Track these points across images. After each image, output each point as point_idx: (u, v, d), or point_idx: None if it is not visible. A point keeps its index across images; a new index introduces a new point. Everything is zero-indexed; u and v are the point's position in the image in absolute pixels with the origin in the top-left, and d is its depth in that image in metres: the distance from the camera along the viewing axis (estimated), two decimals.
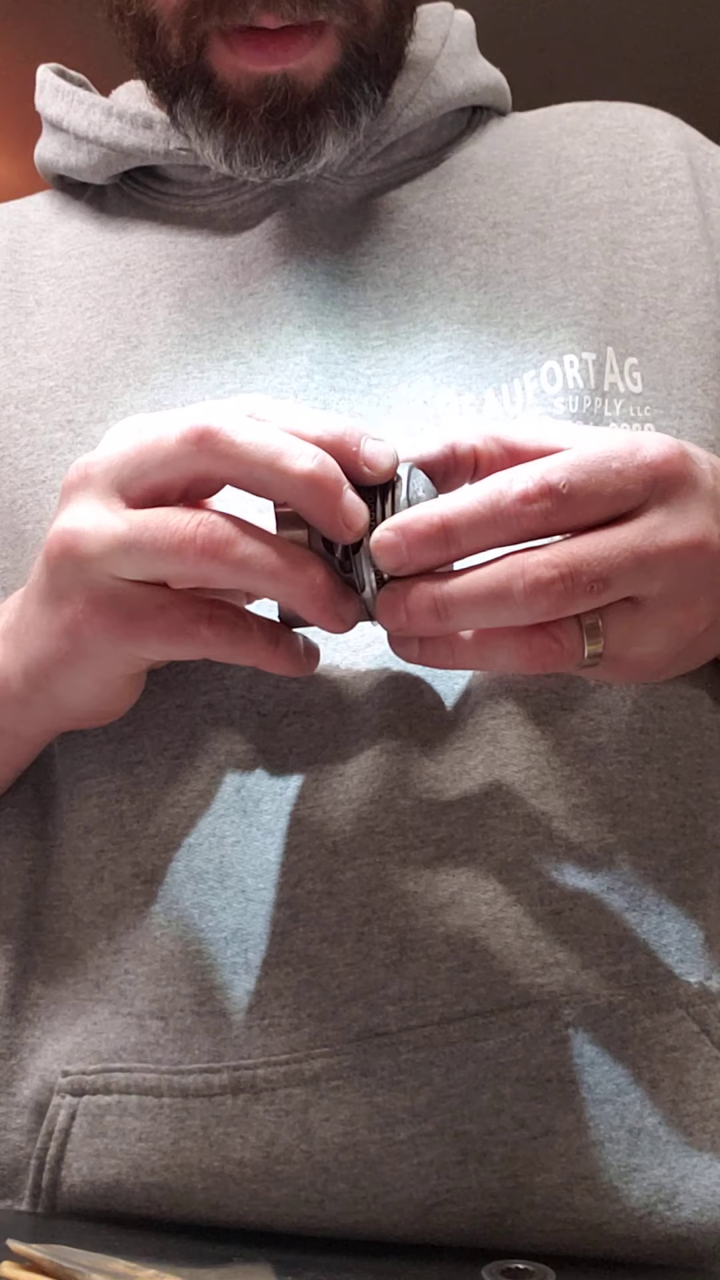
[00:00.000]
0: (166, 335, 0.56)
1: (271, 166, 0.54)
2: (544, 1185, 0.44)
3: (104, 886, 0.49)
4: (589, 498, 0.39)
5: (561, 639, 0.39)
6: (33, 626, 0.45)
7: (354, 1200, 0.45)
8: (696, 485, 0.41)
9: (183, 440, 0.40)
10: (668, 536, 0.40)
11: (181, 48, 0.53)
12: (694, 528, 0.40)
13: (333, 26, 0.52)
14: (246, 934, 0.47)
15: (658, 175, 0.59)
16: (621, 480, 0.39)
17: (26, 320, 0.59)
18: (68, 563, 0.42)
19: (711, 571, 0.41)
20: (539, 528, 0.39)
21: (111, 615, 0.42)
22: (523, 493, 0.38)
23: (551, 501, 0.38)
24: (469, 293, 0.55)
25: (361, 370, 0.54)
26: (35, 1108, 0.49)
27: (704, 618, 0.43)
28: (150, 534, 0.40)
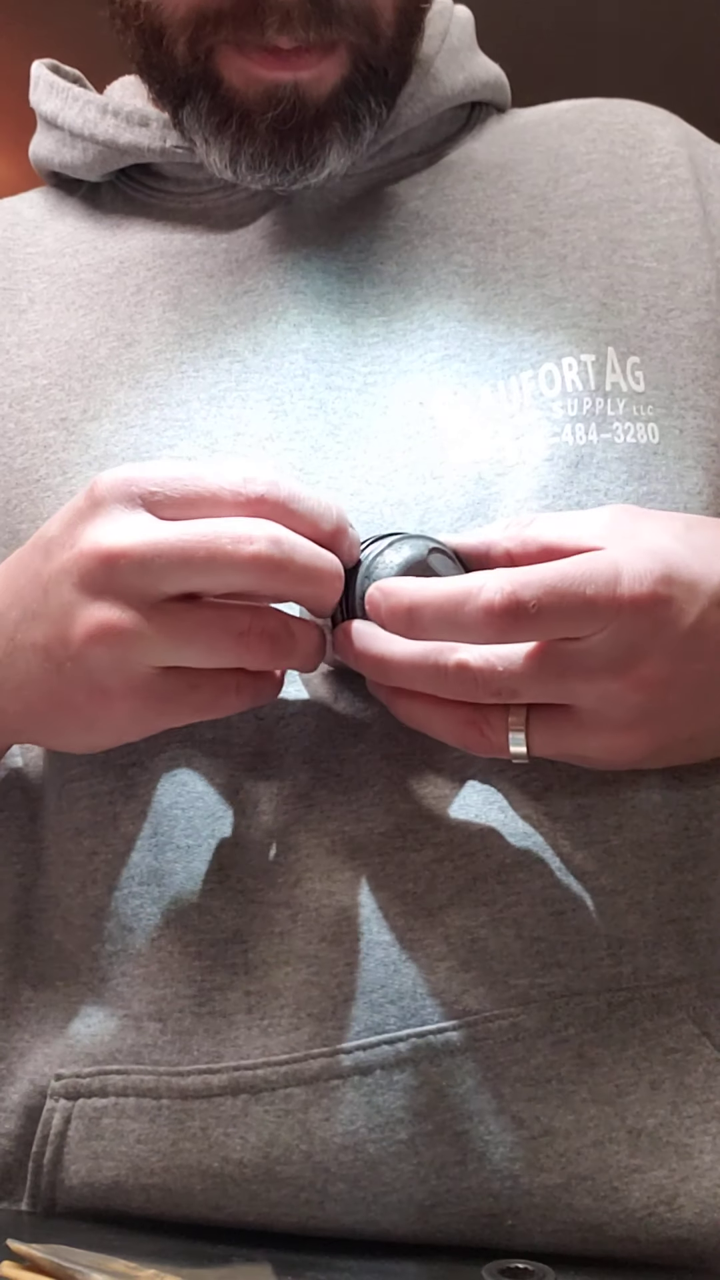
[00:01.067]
0: (161, 333, 0.56)
1: (275, 175, 0.54)
2: (543, 1186, 0.44)
3: (97, 889, 0.49)
4: (553, 621, 0.40)
5: (488, 733, 0.42)
6: (31, 681, 0.44)
7: (354, 1200, 0.45)
8: (665, 626, 0.41)
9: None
10: (599, 674, 0.41)
11: (188, 55, 0.52)
12: (634, 670, 0.41)
13: (344, 44, 0.52)
14: (246, 934, 0.47)
15: (658, 172, 0.58)
16: (589, 610, 0.40)
17: (19, 318, 0.58)
18: (112, 577, 0.41)
19: (654, 705, 0.42)
20: (496, 638, 0.40)
21: (145, 700, 0.43)
22: (488, 604, 0.40)
23: (515, 618, 0.40)
24: (466, 290, 0.55)
25: (358, 368, 0.54)
26: (25, 1112, 0.49)
27: (656, 744, 0.43)
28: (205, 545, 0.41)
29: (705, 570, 0.42)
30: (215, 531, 0.41)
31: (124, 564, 0.41)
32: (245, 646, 0.41)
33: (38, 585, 0.44)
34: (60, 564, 0.43)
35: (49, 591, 0.43)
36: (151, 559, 0.41)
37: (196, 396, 0.54)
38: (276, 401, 0.53)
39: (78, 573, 0.42)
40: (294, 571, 0.41)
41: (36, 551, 0.45)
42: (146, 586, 0.41)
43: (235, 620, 0.41)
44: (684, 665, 0.42)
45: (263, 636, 0.41)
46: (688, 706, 0.43)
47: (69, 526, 0.43)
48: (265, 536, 0.41)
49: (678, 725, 0.44)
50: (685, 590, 0.41)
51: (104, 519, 0.42)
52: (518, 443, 0.51)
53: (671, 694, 0.42)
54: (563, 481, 0.50)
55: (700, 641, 0.42)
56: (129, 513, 0.42)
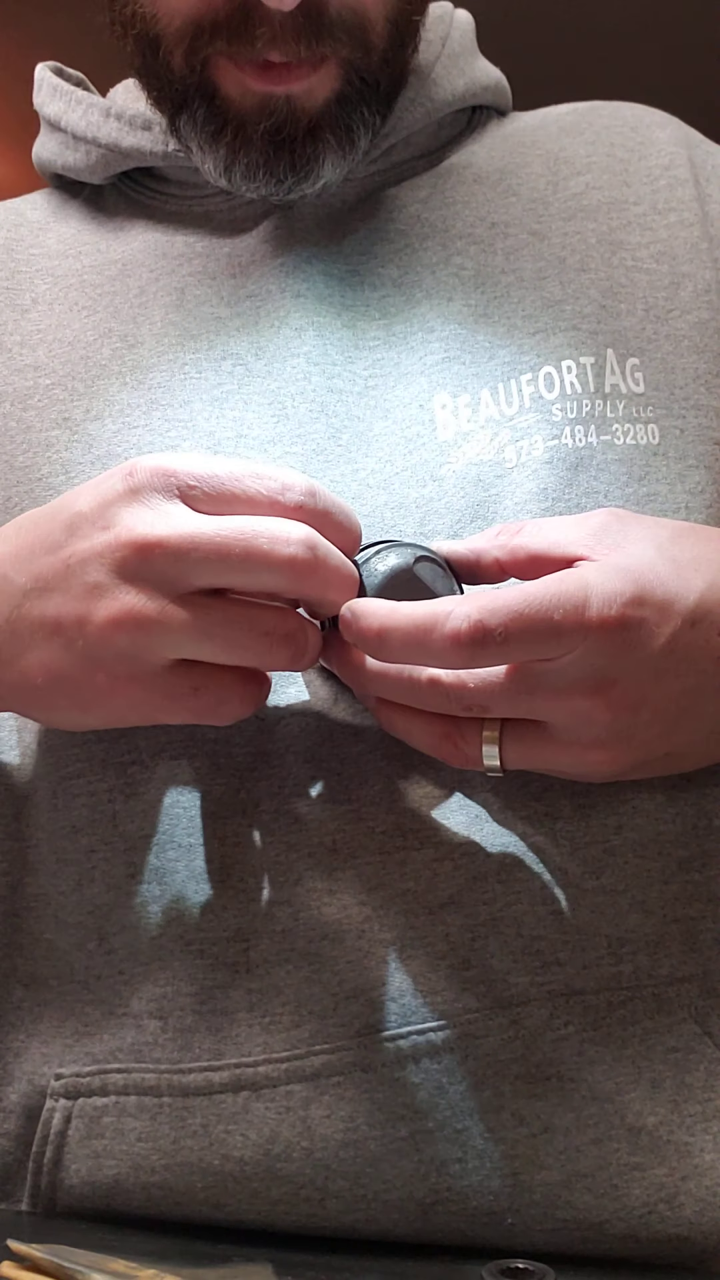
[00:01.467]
0: (164, 335, 0.56)
1: (270, 185, 0.54)
2: (544, 1183, 0.44)
3: (95, 887, 0.49)
4: (520, 647, 0.40)
5: (462, 745, 0.43)
6: (34, 654, 0.44)
7: (354, 1198, 0.45)
8: (635, 647, 0.41)
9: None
10: (569, 695, 0.41)
11: (185, 65, 0.52)
12: (603, 690, 0.41)
13: (337, 57, 0.52)
14: (247, 932, 0.47)
15: (657, 173, 0.58)
16: (555, 634, 0.40)
17: (22, 318, 0.59)
18: (146, 566, 0.41)
19: (624, 724, 0.42)
20: (464, 663, 0.41)
21: (149, 692, 0.43)
22: (454, 632, 0.40)
23: (482, 645, 0.40)
24: (466, 292, 0.55)
25: (359, 371, 0.54)
26: (24, 1112, 0.49)
27: (627, 761, 0.44)
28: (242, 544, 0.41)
29: (680, 588, 0.42)
30: (253, 530, 0.41)
31: (159, 554, 0.41)
32: (267, 646, 0.42)
33: (58, 559, 0.43)
34: (92, 545, 0.43)
35: (72, 569, 0.43)
36: (188, 551, 0.41)
37: (199, 398, 0.54)
38: (279, 405, 0.53)
39: (111, 557, 0.42)
40: (322, 577, 0.42)
41: (57, 524, 0.44)
42: (178, 577, 0.41)
43: (260, 619, 0.42)
44: (656, 685, 0.42)
45: (285, 638, 0.42)
46: (660, 724, 0.43)
47: (102, 507, 0.43)
48: (301, 540, 0.41)
49: (651, 743, 0.44)
50: (657, 611, 0.42)
51: (141, 506, 0.42)
52: (517, 445, 0.51)
53: (643, 713, 0.42)
54: (562, 484, 0.50)
55: (672, 660, 0.42)
56: (166, 502, 0.42)
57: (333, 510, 0.43)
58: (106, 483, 0.43)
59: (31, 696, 0.46)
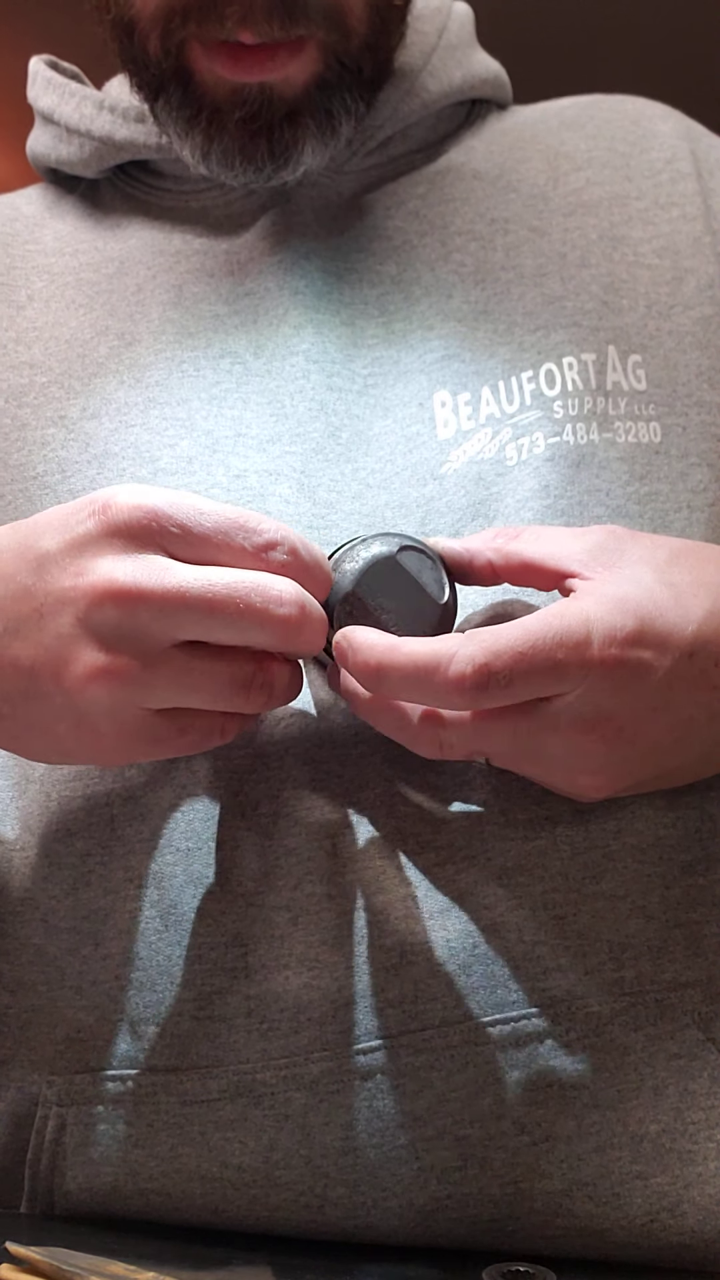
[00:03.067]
0: (161, 333, 0.55)
1: (249, 172, 0.54)
2: (544, 1191, 0.44)
3: (90, 891, 0.49)
4: (524, 687, 0.40)
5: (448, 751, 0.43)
6: (8, 699, 0.43)
7: (353, 1205, 0.45)
8: (634, 683, 0.41)
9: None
10: (565, 729, 0.41)
11: (160, 51, 0.52)
12: (600, 724, 0.41)
13: (314, 40, 0.51)
14: (246, 938, 0.47)
15: (659, 167, 0.58)
16: (559, 673, 0.40)
17: (18, 314, 0.58)
18: (126, 619, 0.39)
19: (617, 755, 0.42)
20: (468, 706, 0.41)
21: (133, 741, 0.42)
22: (459, 676, 0.40)
23: (487, 689, 0.40)
24: (466, 289, 0.55)
25: (358, 369, 0.53)
26: (13, 1119, 0.49)
27: (618, 785, 0.44)
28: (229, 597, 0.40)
29: (679, 620, 0.42)
30: (246, 588, 0.40)
31: (142, 607, 0.39)
32: (247, 696, 0.41)
33: (28, 602, 0.41)
34: (62, 590, 0.40)
35: (44, 615, 0.41)
36: (174, 606, 0.39)
37: (197, 396, 0.53)
38: (278, 404, 0.52)
39: (84, 606, 0.40)
40: (306, 636, 0.41)
41: (23, 560, 0.42)
42: (160, 632, 0.40)
43: (240, 671, 0.41)
44: (652, 719, 0.42)
45: (264, 687, 0.42)
46: (653, 752, 0.43)
47: (72, 548, 0.41)
48: (295, 601, 0.40)
49: (642, 768, 0.44)
50: (656, 646, 0.41)
51: (117, 553, 0.40)
52: (518, 443, 0.51)
53: (637, 744, 0.42)
54: (564, 481, 0.50)
55: (670, 694, 0.42)
56: (144, 548, 0.40)
57: (309, 564, 0.42)
58: (74, 517, 0.41)
59: (9, 739, 0.45)
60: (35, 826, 0.51)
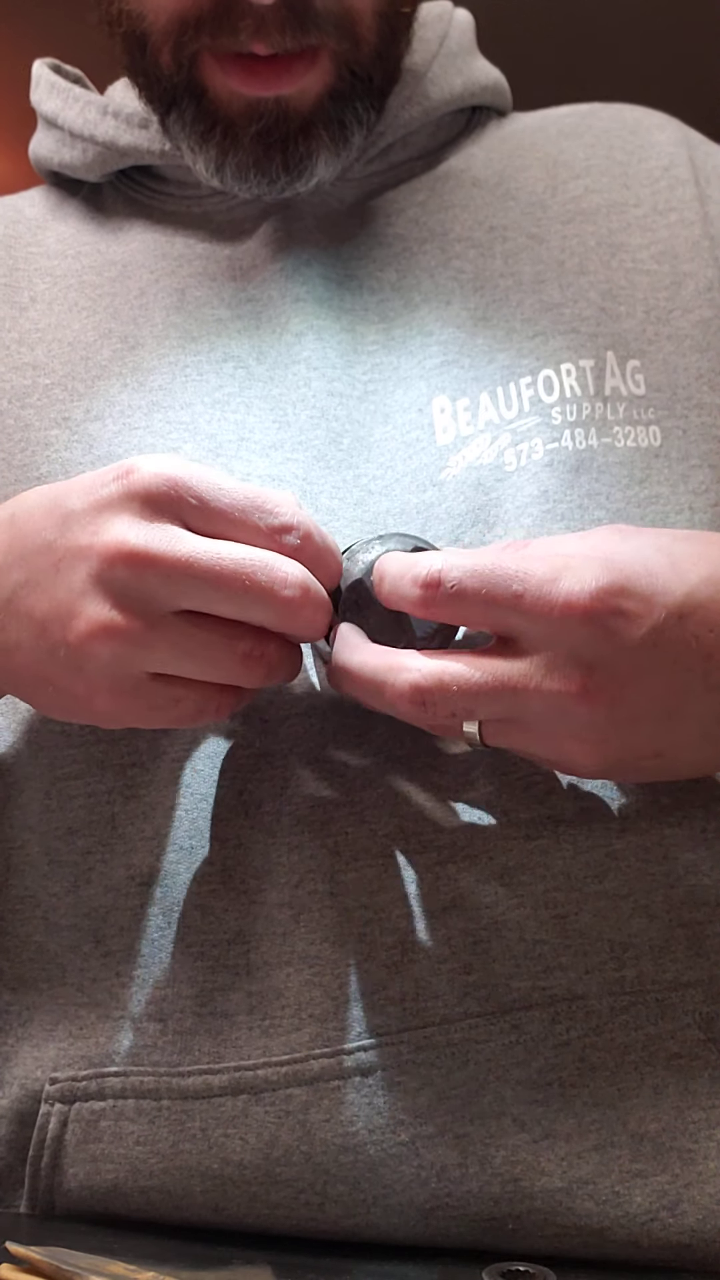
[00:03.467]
0: (165, 337, 0.56)
1: (262, 184, 0.54)
2: (545, 1190, 0.44)
3: (92, 889, 0.49)
4: (472, 607, 0.40)
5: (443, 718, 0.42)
6: (22, 648, 0.44)
7: (354, 1202, 0.45)
8: (612, 636, 0.40)
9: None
10: (542, 683, 0.40)
11: (172, 64, 0.52)
12: (579, 680, 0.40)
13: (326, 51, 0.52)
14: (248, 935, 0.47)
15: (657, 175, 0.58)
16: (513, 605, 0.40)
17: (20, 315, 0.58)
18: (134, 580, 0.41)
19: (602, 719, 0.41)
20: (420, 609, 0.41)
21: (128, 704, 0.43)
22: (416, 576, 0.41)
23: (435, 591, 0.40)
24: (465, 296, 0.55)
25: (358, 375, 0.54)
26: (16, 1116, 0.49)
27: (611, 757, 0.42)
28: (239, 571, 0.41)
29: (671, 581, 0.41)
30: (252, 565, 0.41)
31: (151, 572, 0.40)
32: (246, 667, 0.42)
33: (48, 556, 0.43)
34: (78, 546, 0.42)
35: (60, 568, 0.42)
36: (182, 574, 0.40)
37: (200, 400, 0.54)
38: (280, 411, 0.53)
39: (98, 563, 0.41)
40: (307, 618, 0.41)
41: (50, 518, 0.43)
42: (165, 598, 0.41)
43: (239, 642, 0.42)
44: (637, 680, 0.40)
45: (262, 660, 0.42)
46: (644, 722, 0.41)
47: (95, 509, 0.42)
48: (299, 583, 0.41)
49: (634, 742, 0.42)
50: (640, 602, 0.40)
51: (135, 516, 0.41)
52: (517, 449, 0.51)
53: (621, 709, 0.40)
54: (563, 486, 0.50)
55: (655, 654, 0.40)
56: (161, 516, 0.41)
57: (322, 551, 0.43)
58: (100, 480, 0.43)
59: (18, 687, 0.46)
60: (36, 824, 0.51)
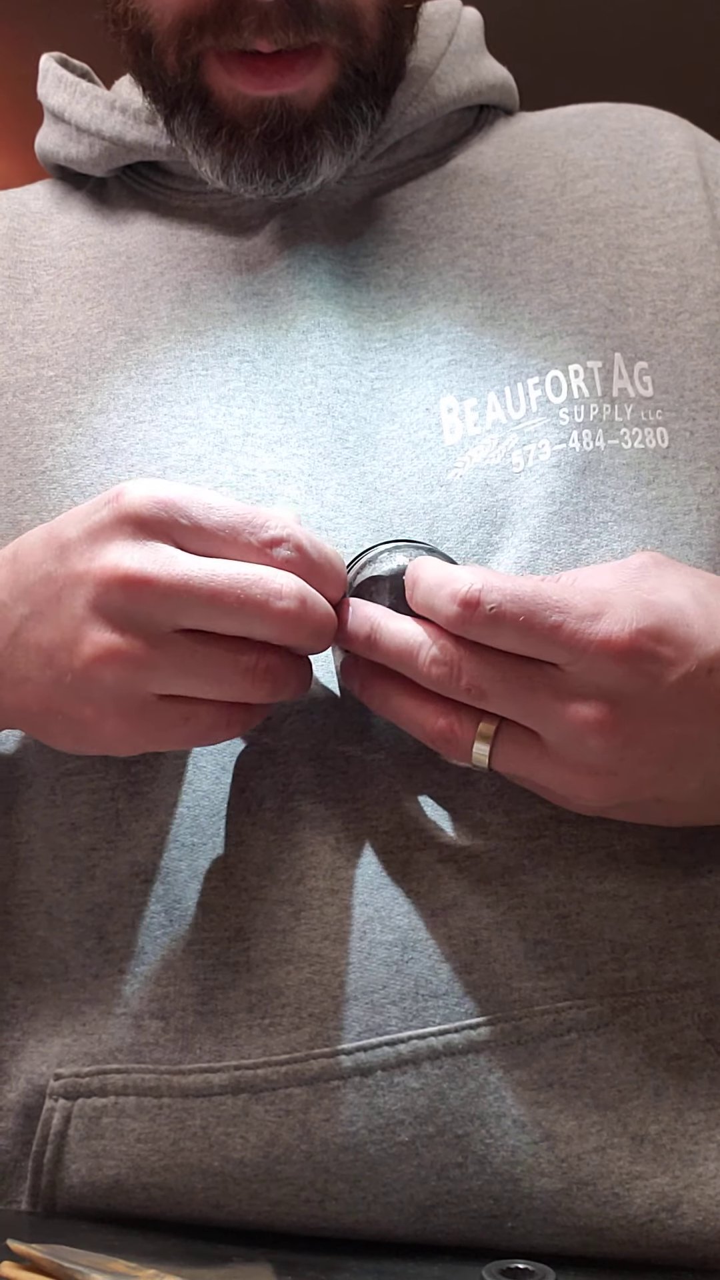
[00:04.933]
0: (170, 330, 0.56)
1: (268, 185, 0.54)
2: (544, 1190, 0.44)
3: (95, 885, 0.49)
4: (509, 632, 0.40)
5: (458, 731, 0.42)
6: (30, 681, 0.44)
7: (354, 1200, 0.45)
8: (643, 679, 0.41)
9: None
10: (567, 703, 0.41)
11: (177, 66, 0.52)
12: (602, 711, 0.41)
13: (329, 48, 0.52)
14: (249, 932, 0.47)
15: (665, 176, 0.58)
16: (551, 636, 0.40)
17: (24, 307, 0.58)
18: (133, 603, 0.41)
19: (616, 755, 0.41)
20: (455, 625, 0.41)
21: (137, 726, 0.43)
22: (454, 592, 0.41)
23: (472, 612, 0.40)
24: (473, 294, 0.55)
25: (365, 373, 0.54)
26: (22, 1110, 0.49)
27: (615, 795, 0.43)
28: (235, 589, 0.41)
29: (705, 633, 0.42)
30: (248, 580, 0.41)
31: (148, 593, 0.41)
32: (250, 682, 0.42)
33: (50, 587, 0.44)
34: (75, 573, 0.43)
35: (61, 598, 0.43)
36: (179, 594, 0.41)
37: (205, 395, 0.54)
38: (285, 407, 0.53)
39: (95, 590, 0.42)
40: (308, 629, 0.42)
41: (49, 550, 0.44)
42: (164, 618, 0.41)
43: (242, 657, 0.42)
44: (657, 722, 0.41)
45: (266, 673, 0.42)
46: (654, 765, 0.42)
47: (89, 536, 0.43)
48: (295, 595, 0.41)
49: (641, 782, 0.43)
50: (676, 650, 0.41)
51: (128, 540, 0.42)
52: (524, 449, 0.51)
53: (638, 747, 0.41)
54: (570, 488, 0.50)
55: (679, 701, 0.41)
56: (154, 537, 0.42)
57: (318, 561, 0.43)
58: (93, 507, 0.43)
59: (28, 721, 0.46)
60: (41, 819, 0.51)
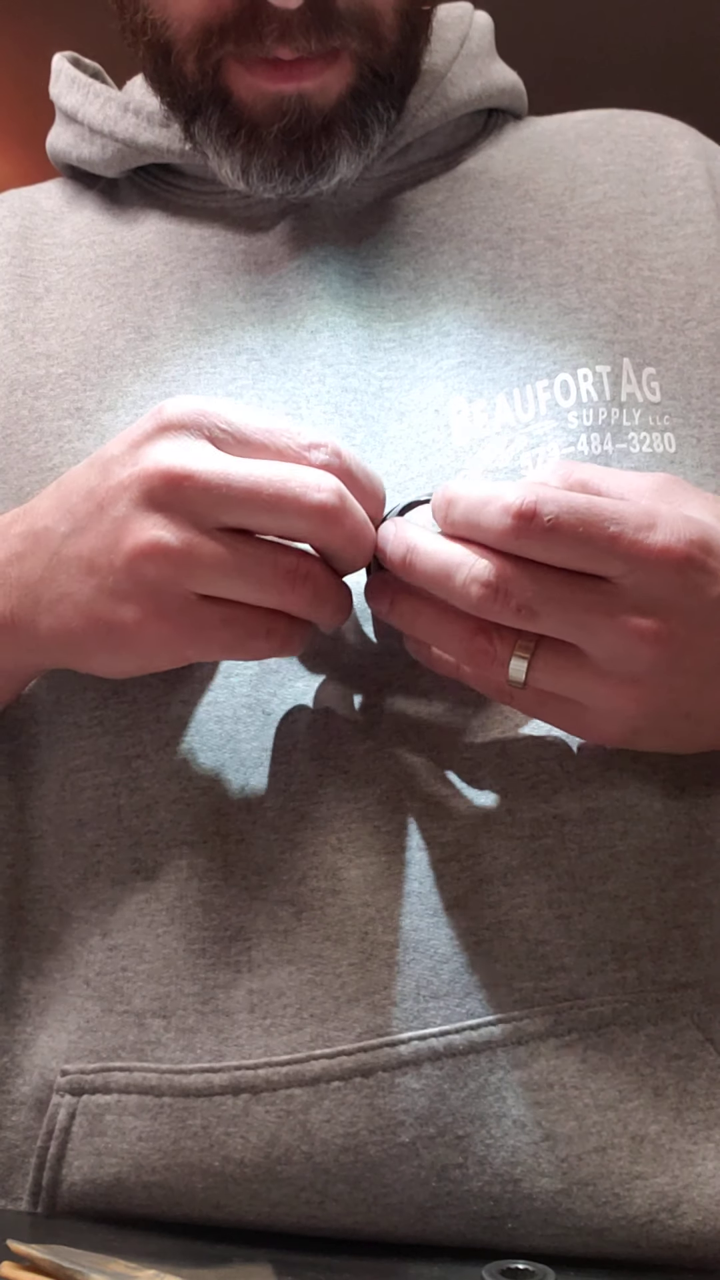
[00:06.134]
0: (179, 329, 0.56)
1: (286, 184, 0.54)
2: (544, 1191, 0.44)
3: (99, 882, 0.49)
4: (567, 544, 0.40)
5: (496, 646, 0.42)
6: (69, 596, 0.45)
7: (354, 1201, 0.45)
8: (694, 588, 0.41)
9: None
10: (622, 615, 0.41)
11: (197, 72, 0.53)
12: (656, 622, 0.41)
13: (348, 51, 0.52)
14: (249, 932, 0.47)
15: (674, 184, 0.59)
16: (609, 546, 0.40)
17: (35, 306, 0.58)
18: (175, 497, 0.42)
19: (664, 664, 0.42)
20: (507, 541, 0.40)
21: (178, 626, 0.43)
22: (507, 505, 0.40)
23: (529, 524, 0.40)
24: (483, 297, 0.55)
25: (374, 372, 0.54)
26: (35, 1104, 0.49)
27: (654, 708, 0.43)
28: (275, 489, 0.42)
29: None
30: (285, 475, 0.42)
31: (189, 487, 0.42)
32: (290, 585, 0.42)
33: (92, 500, 0.44)
34: (120, 480, 0.43)
35: (104, 506, 0.44)
36: (218, 487, 0.41)
37: (213, 393, 0.54)
38: (293, 405, 0.53)
39: (139, 488, 0.43)
40: (347, 528, 0.42)
41: (93, 469, 0.45)
42: (206, 513, 0.42)
43: (283, 560, 0.42)
44: (705, 633, 0.42)
45: (307, 579, 0.42)
46: (695, 676, 0.43)
47: (132, 446, 0.44)
48: (331, 489, 0.42)
49: (681, 693, 0.43)
50: (718, 562, 0.42)
51: (170, 442, 0.43)
52: (533, 452, 0.51)
53: (685, 657, 0.42)
54: None
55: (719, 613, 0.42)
56: (196, 440, 0.43)
57: (356, 472, 0.43)
58: (136, 426, 0.44)
59: (68, 641, 0.46)
60: (52, 815, 0.51)
